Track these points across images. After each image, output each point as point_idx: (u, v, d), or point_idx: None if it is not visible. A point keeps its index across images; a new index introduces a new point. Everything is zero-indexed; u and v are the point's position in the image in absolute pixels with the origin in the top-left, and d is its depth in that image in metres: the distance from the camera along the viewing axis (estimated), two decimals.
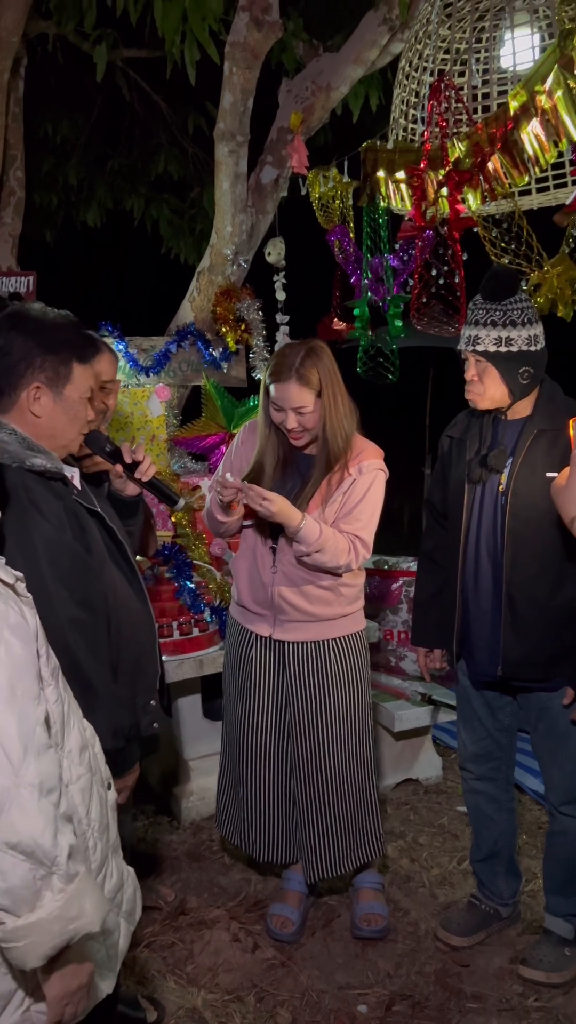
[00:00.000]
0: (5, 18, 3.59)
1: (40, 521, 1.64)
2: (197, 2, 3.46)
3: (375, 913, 2.60)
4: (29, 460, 1.66)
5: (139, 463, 1.99)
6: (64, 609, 1.63)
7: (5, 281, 3.69)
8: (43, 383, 1.70)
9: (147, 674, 1.89)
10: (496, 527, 2.27)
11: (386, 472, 2.45)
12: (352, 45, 3.71)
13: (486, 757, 2.49)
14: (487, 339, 2.14)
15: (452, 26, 3.00)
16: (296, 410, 2.33)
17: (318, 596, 2.45)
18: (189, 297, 3.88)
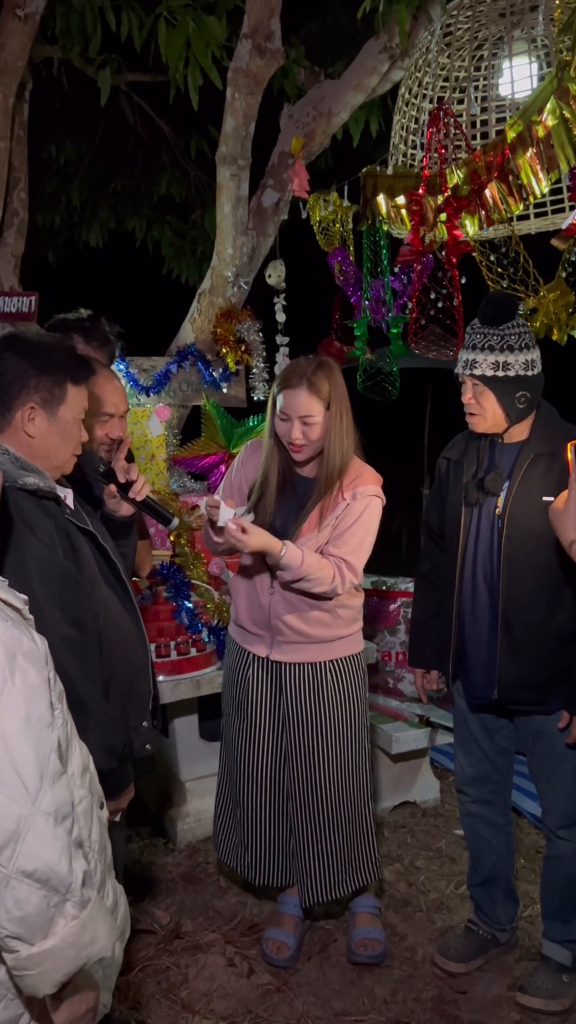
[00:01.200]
0: (11, 43, 3.64)
1: (32, 540, 1.65)
2: (201, 29, 3.53)
3: (372, 938, 2.57)
4: (22, 479, 1.67)
5: (132, 483, 2.00)
6: (56, 628, 1.63)
7: (7, 301, 3.71)
8: (37, 404, 1.72)
9: (140, 695, 1.89)
10: (492, 550, 2.28)
11: (382, 498, 2.43)
12: (353, 72, 3.77)
13: (483, 780, 2.48)
14: (484, 363, 2.16)
15: (452, 54, 3.05)
16: (303, 419, 2.32)
17: (316, 618, 2.44)
18: (190, 318, 3.91)
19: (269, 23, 3.49)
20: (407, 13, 3.33)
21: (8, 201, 4.02)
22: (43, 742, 1.20)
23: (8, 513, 1.63)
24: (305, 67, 4.05)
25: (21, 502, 1.66)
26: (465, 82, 2.93)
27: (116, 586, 1.87)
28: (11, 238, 4.13)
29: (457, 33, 3.02)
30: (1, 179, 3.83)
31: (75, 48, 4.11)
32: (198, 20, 3.53)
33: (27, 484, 1.68)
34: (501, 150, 2.08)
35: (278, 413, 2.37)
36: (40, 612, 1.60)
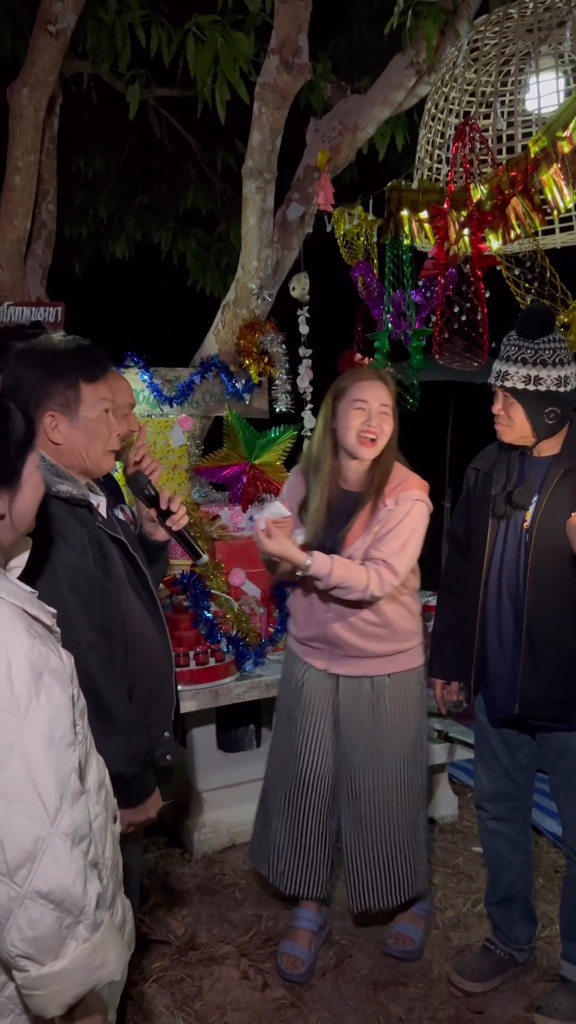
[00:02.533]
0: (43, 58, 3.70)
1: (63, 547, 1.67)
2: (229, 44, 3.57)
3: (407, 935, 2.61)
4: (56, 487, 1.69)
5: (172, 513, 2.02)
6: (83, 633, 1.65)
7: (34, 311, 3.76)
8: (56, 410, 1.74)
9: (162, 704, 1.89)
10: (519, 564, 2.26)
11: (427, 503, 2.43)
12: (379, 87, 3.79)
13: (503, 797, 2.46)
14: (516, 376, 2.15)
15: (478, 70, 3.06)
16: (381, 407, 2.36)
17: (370, 632, 2.45)
18: (214, 330, 3.94)
19: (297, 38, 3.52)
20: (434, 29, 3.35)
21: (37, 213, 4.08)
22: (64, 762, 1.19)
23: (42, 520, 1.65)
24: (332, 82, 4.08)
25: (54, 509, 1.68)
26: (491, 97, 2.94)
27: (143, 595, 1.88)
28: (39, 249, 4.19)
29: (484, 48, 3.03)
30: (31, 192, 3.88)
31: (105, 63, 4.17)
32: (226, 36, 3.58)
33: (60, 492, 1.69)
34: (525, 165, 2.08)
35: (354, 402, 2.37)
36: (68, 618, 1.62)
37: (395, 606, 2.46)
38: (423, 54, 3.58)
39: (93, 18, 3.98)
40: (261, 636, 3.25)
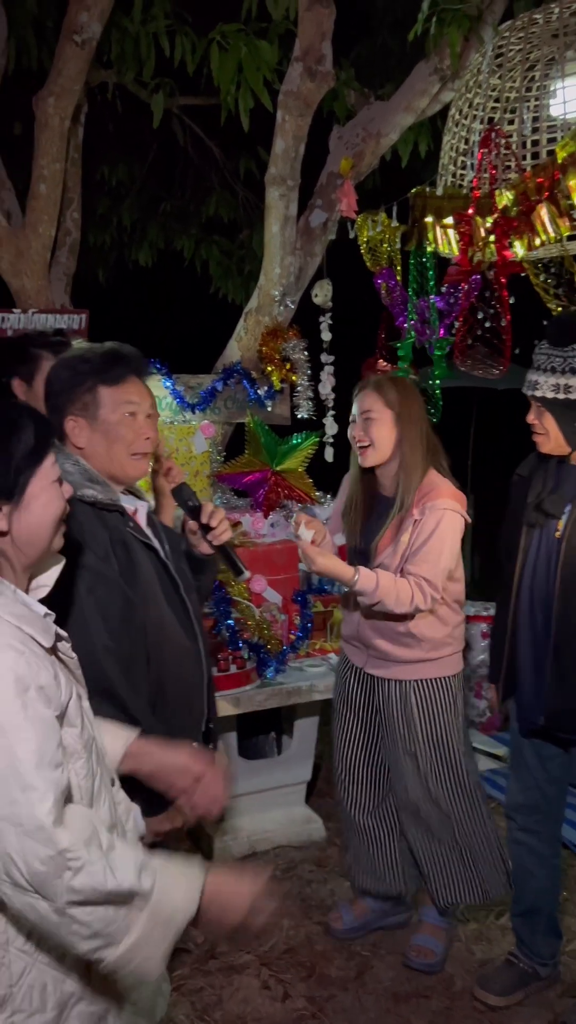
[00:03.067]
0: (68, 68, 3.73)
1: (84, 551, 1.67)
2: (252, 53, 3.58)
3: (427, 947, 2.61)
4: (81, 490, 1.69)
5: (212, 528, 1.96)
6: (98, 637, 1.64)
7: (59, 318, 3.79)
8: (76, 415, 1.75)
9: (192, 713, 1.86)
10: (549, 574, 2.23)
11: (458, 512, 2.39)
12: (403, 94, 3.78)
13: (532, 809, 2.43)
14: (546, 385, 2.13)
15: (503, 75, 3.04)
16: (364, 414, 2.42)
17: (398, 639, 2.49)
18: (236, 336, 3.94)
19: (320, 46, 3.53)
20: (458, 35, 3.34)
21: (61, 221, 4.11)
22: (52, 781, 1.16)
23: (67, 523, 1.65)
24: (355, 89, 4.08)
25: (78, 514, 1.68)
26: (516, 103, 2.92)
27: (176, 602, 1.85)
28: (63, 257, 4.22)
29: (509, 54, 3.01)
30: (56, 200, 3.91)
31: (130, 72, 4.20)
32: (250, 44, 3.58)
33: (85, 496, 1.70)
34: (551, 171, 2.07)
35: (351, 419, 2.50)
36: (84, 621, 1.62)
37: (424, 616, 2.45)
38: (447, 60, 3.57)
39: (118, 28, 4.01)
40: (282, 643, 3.24)
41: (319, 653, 3.34)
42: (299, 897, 2.97)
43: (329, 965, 2.63)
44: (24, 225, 3.90)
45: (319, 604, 3.35)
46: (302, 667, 3.22)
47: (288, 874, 3.11)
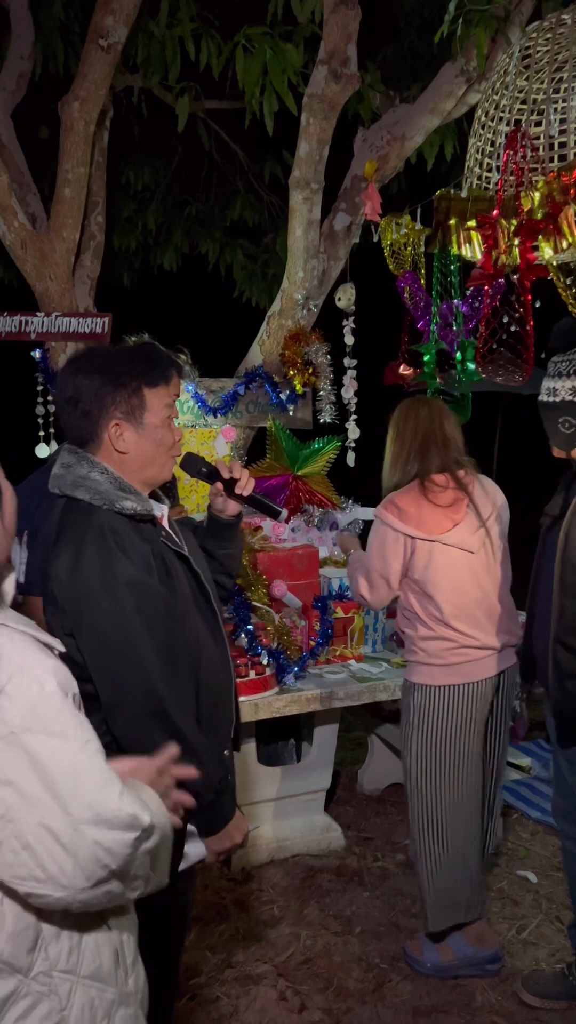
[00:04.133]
0: (94, 72, 3.74)
1: (126, 564, 1.62)
2: (278, 56, 3.57)
3: (423, 947, 2.64)
4: (120, 503, 1.65)
5: (237, 480, 1.93)
6: (148, 655, 1.60)
7: (82, 322, 3.79)
8: (120, 419, 1.68)
9: (223, 723, 1.83)
10: (554, 575, 2.24)
11: (383, 520, 2.45)
12: (428, 96, 3.75)
13: (572, 813, 2.40)
14: (542, 390, 2.24)
15: (530, 77, 3.00)
16: None
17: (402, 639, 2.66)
18: (259, 340, 3.93)
19: (345, 48, 3.51)
20: (485, 36, 3.30)
21: (86, 225, 4.12)
22: (114, 773, 1.19)
23: (102, 535, 1.61)
24: (380, 91, 4.05)
25: (117, 525, 1.63)
26: (543, 104, 2.88)
27: (206, 610, 1.82)
28: (87, 260, 4.23)
29: (536, 56, 2.97)
30: (80, 204, 3.92)
31: (155, 77, 4.20)
32: (275, 47, 3.57)
33: (125, 508, 1.65)
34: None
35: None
36: (133, 638, 1.58)
37: (402, 618, 2.59)
38: (473, 62, 3.53)
39: (144, 31, 4.01)
40: (302, 650, 3.21)
41: (339, 660, 3.30)
42: (318, 907, 2.94)
43: (347, 977, 2.60)
44: (49, 229, 3.91)
45: (339, 610, 3.31)
46: (322, 673, 3.19)
47: (306, 883, 3.08)
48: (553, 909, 2.94)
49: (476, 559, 2.44)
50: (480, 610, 2.46)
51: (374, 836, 3.42)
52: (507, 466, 8.41)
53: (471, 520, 2.43)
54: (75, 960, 1.21)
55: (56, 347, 3.87)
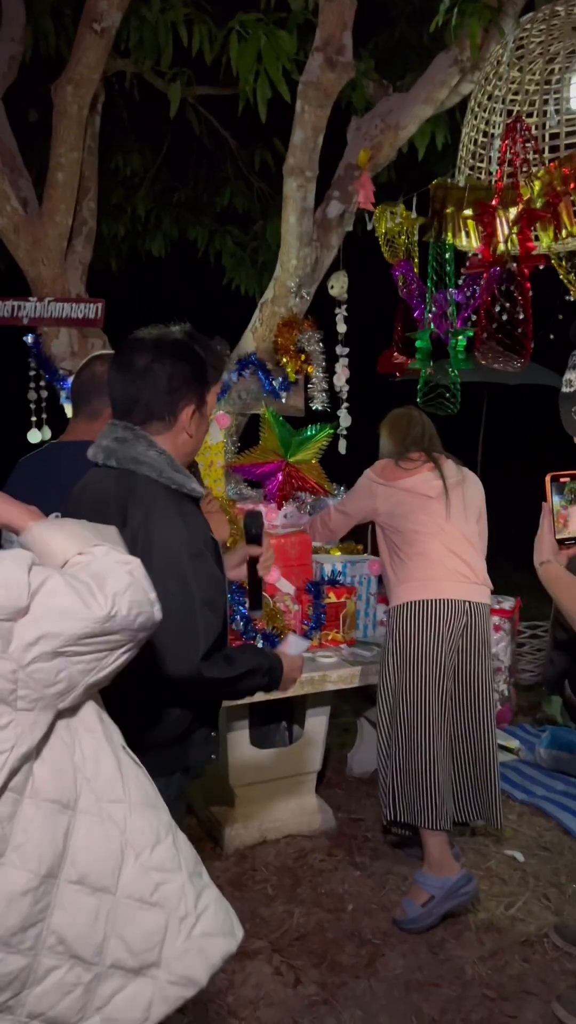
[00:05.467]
0: (87, 56, 3.72)
1: (192, 536, 1.68)
2: (272, 43, 3.57)
3: (402, 905, 2.82)
4: (189, 484, 1.72)
5: (262, 557, 2.10)
6: (198, 593, 1.66)
7: (75, 307, 3.79)
8: (195, 405, 1.77)
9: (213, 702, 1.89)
10: None
11: (367, 475, 3.10)
12: (422, 85, 3.77)
13: None
14: (564, 381, 2.25)
15: (523, 68, 3.03)
16: None
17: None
18: (251, 327, 3.94)
19: (341, 36, 3.52)
20: (479, 26, 3.32)
21: (78, 210, 4.10)
22: None
23: (164, 500, 1.66)
24: (374, 80, 4.07)
25: (186, 506, 1.70)
26: (535, 95, 2.91)
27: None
28: (79, 246, 4.21)
29: (529, 47, 3.00)
30: (72, 189, 3.90)
31: (147, 62, 4.19)
32: (270, 34, 3.58)
33: (183, 486, 1.71)
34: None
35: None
36: (185, 581, 1.64)
37: (386, 570, 3.06)
38: (467, 52, 3.56)
39: (137, 16, 3.99)
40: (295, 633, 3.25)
41: (331, 644, 3.35)
42: (310, 885, 2.99)
43: (340, 952, 2.65)
44: (41, 213, 3.89)
45: (332, 595, 3.36)
46: (314, 657, 3.23)
47: (299, 863, 3.13)
48: (540, 887, 3.01)
49: (435, 503, 2.91)
50: (441, 541, 2.89)
51: (364, 817, 3.47)
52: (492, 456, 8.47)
53: (428, 475, 2.94)
54: (125, 788, 1.31)
55: (49, 332, 3.86)
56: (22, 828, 1.20)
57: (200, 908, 1.37)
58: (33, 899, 1.20)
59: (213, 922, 1.37)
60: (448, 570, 2.88)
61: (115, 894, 1.27)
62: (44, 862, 1.21)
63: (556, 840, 3.33)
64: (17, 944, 1.20)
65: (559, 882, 3.04)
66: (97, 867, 1.26)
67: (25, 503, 1.41)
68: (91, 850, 1.26)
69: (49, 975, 1.22)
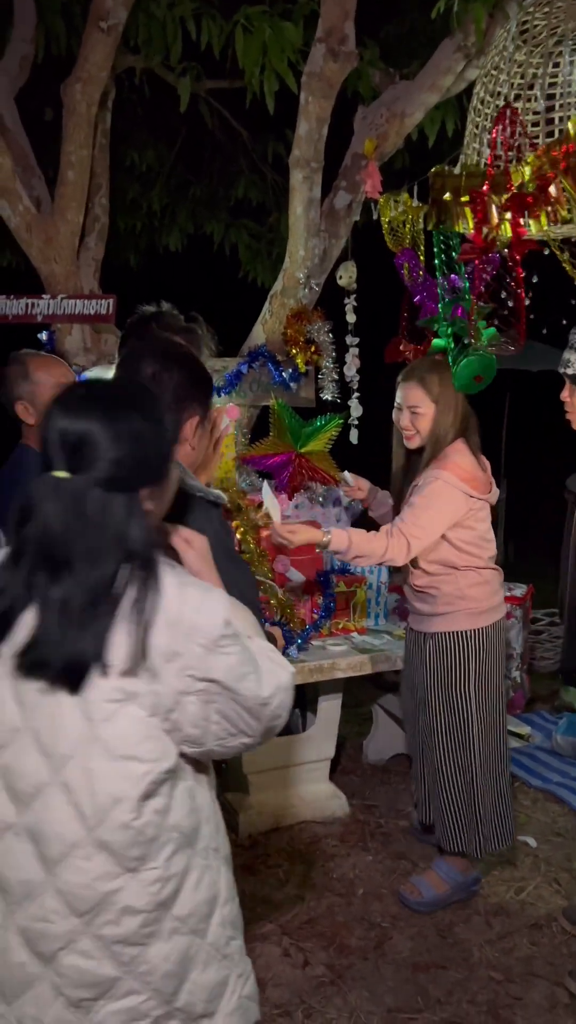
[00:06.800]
0: (94, 54, 3.76)
1: (219, 548, 1.69)
2: (277, 35, 3.58)
3: (418, 887, 2.82)
4: (213, 493, 1.73)
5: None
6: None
7: (87, 304, 3.85)
8: (199, 416, 1.73)
9: None
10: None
11: (450, 484, 2.59)
12: (427, 73, 3.75)
13: None
14: (572, 361, 2.29)
15: (529, 51, 3.01)
16: (410, 408, 2.68)
17: (417, 596, 2.79)
18: (261, 319, 3.97)
19: (343, 26, 3.52)
20: (483, 12, 3.31)
21: (89, 207, 4.16)
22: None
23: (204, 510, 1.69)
24: (380, 69, 4.06)
25: (211, 512, 1.72)
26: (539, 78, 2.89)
27: None
28: (92, 243, 4.27)
29: (534, 30, 2.98)
30: (84, 186, 3.96)
31: (156, 57, 4.22)
32: (274, 26, 3.59)
33: (220, 498, 1.74)
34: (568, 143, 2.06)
35: (396, 404, 2.76)
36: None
37: (437, 575, 2.71)
38: (471, 37, 3.54)
39: (145, 12, 4.03)
40: (305, 623, 3.28)
41: (342, 632, 3.38)
42: (322, 871, 3.03)
43: (349, 935, 2.69)
44: (53, 211, 3.95)
45: (342, 584, 3.38)
46: (325, 646, 3.26)
47: (311, 848, 3.17)
48: (551, 872, 3.02)
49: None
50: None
51: (378, 804, 3.50)
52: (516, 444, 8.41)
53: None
54: (219, 840, 1.38)
55: (62, 329, 3.92)
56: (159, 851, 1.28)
57: (248, 971, 1.43)
58: (144, 921, 1.26)
59: (253, 987, 1.44)
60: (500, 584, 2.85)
61: (205, 939, 1.34)
62: (164, 891, 1.28)
63: (570, 826, 3.33)
64: (117, 955, 1.26)
65: (571, 867, 3.05)
66: (198, 910, 1.32)
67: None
68: (197, 892, 1.32)
69: (127, 997, 1.27)
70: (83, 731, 1.22)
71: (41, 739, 1.24)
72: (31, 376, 2.59)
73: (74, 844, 1.23)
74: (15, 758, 1.25)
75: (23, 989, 1.27)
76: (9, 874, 1.27)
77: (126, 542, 1.23)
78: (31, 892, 1.25)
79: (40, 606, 1.22)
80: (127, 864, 1.24)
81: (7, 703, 1.26)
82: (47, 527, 1.20)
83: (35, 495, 1.22)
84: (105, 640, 1.20)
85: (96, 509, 1.21)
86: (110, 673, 1.21)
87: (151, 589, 1.22)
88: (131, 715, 1.22)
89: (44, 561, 1.22)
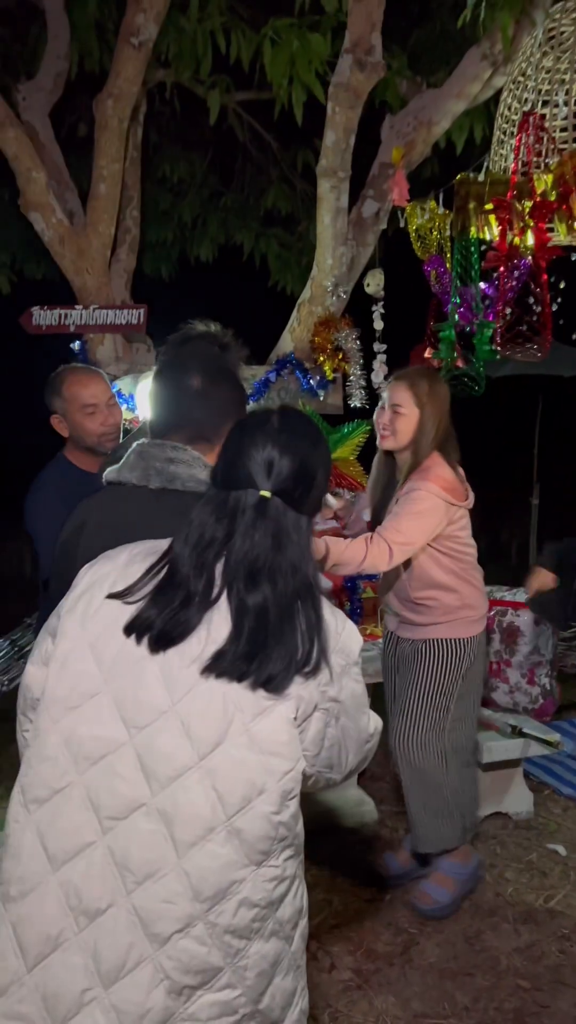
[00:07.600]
0: (126, 70, 3.84)
1: None
2: (304, 47, 3.63)
3: (429, 893, 2.79)
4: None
5: None
6: None
7: (119, 313, 3.91)
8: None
9: None
10: None
11: (431, 493, 2.60)
12: (455, 80, 3.78)
13: None
14: None
15: (556, 57, 3.02)
16: (394, 407, 2.65)
17: (412, 607, 2.78)
18: (289, 327, 4.01)
19: (370, 37, 3.56)
20: (510, 19, 3.32)
21: (121, 219, 4.24)
22: None
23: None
24: (407, 77, 4.09)
25: None
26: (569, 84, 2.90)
27: None
28: (123, 254, 4.35)
29: (561, 36, 2.99)
30: (115, 199, 4.04)
31: (186, 71, 4.29)
32: (302, 38, 3.64)
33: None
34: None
35: (380, 405, 2.74)
36: None
37: (442, 588, 2.73)
38: (498, 45, 3.55)
39: (175, 27, 4.10)
40: None
41: (369, 638, 3.39)
42: (350, 875, 3.03)
43: (376, 940, 2.69)
44: (85, 224, 4.03)
45: (369, 590, 3.40)
46: None
47: (339, 853, 3.18)
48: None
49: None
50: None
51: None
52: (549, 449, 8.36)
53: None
54: (298, 861, 1.40)
55: (94, 339, 4.00)
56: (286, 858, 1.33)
57: (306, 986, 1.46)
58: (256, 916, 1.29)
59: (307, 1002, 1.46)
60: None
61: (290, 947, 1.37)
62: (276, 891, 1.32)
63: None
64: (226, 945, 1.28)
65: None
66: (292, 917, 1.36)
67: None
68: (295, 900, 1.36)
69: (224, 990, 1.29)
70: (235, 722, 1.27)
71: (190, 724, 1.28)
72: (63, 392, 2.66)
73: (211, 828, 1.26)
74: (157, 739, 1.29)
75: (126, 972, 1.27)
76: (135, 853, 1.28)
77: (307, 563, 1.34)
78: (155, 872, 1.26)
79: (236, 613, 1.30)
80: (254, 857, 1.28)
81: (154, 687, 1.30)
82: (255, 541, 1.31)
83: (235, 506, 1.33)
84: (298, 646, 1.29)
85: (294, 527, 1.33)
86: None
87: (317, 603, 1.33)
88: (281, 714, 1.29)
89: (245, 570, 1.30)
